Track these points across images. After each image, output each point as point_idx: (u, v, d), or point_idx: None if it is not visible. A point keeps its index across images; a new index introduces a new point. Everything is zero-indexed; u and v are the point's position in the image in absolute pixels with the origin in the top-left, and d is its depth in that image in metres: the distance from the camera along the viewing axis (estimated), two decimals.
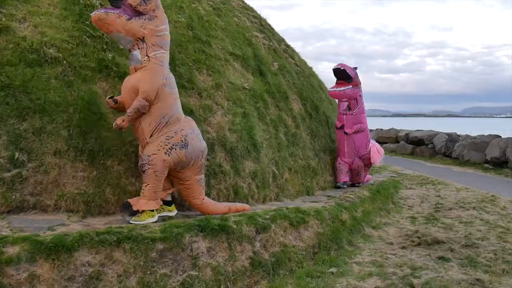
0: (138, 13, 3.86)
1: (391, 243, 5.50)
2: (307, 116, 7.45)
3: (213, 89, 5.43)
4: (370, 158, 7.44)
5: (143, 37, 3.87)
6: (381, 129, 21.32)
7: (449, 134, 16.41)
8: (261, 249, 4.17)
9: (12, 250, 2.95)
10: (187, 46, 5.55)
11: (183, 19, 5.88)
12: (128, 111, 3.84)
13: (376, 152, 7.59)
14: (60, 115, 3.94)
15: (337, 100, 7.85)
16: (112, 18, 3.75)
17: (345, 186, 7.38)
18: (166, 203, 4.27)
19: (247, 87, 6.01)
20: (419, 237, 5.60)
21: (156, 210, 4.04)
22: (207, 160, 4.84)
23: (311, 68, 9.80)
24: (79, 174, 3.92)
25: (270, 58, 7.38)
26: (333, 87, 7.37)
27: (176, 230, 3.66)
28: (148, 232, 3.53)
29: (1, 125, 3.73)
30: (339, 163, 7.45)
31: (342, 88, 7.15)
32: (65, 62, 4.22)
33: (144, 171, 3.86)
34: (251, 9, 8.69)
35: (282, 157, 6.02)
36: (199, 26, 6.06)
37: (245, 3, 8.64)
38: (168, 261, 3.51)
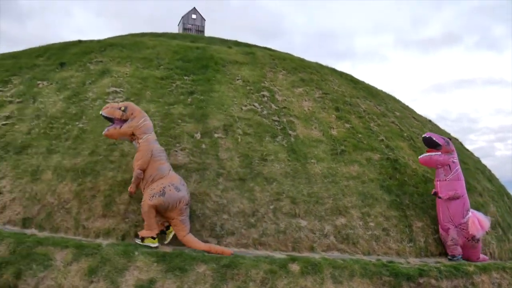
0: (124, 120, 5.92)
1: None
2: None
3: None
4: (468, 229, 6.98)
5: (133, 133, 5.90)
6: None
7: None
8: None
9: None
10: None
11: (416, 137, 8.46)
12: (132, 181, 5.85)
13: (477, 223, 7.11)
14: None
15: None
16: (111, 132, 5.97)
17: (460, 258, 6.89)
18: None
19: None
20: None
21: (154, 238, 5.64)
22: None
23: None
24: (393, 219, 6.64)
25: None
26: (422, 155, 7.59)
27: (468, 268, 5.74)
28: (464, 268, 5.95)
29: None
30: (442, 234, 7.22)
31: (429, 154, 7.36)
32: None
33: (142, 212, 5.70)
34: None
35: None
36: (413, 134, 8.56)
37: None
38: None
